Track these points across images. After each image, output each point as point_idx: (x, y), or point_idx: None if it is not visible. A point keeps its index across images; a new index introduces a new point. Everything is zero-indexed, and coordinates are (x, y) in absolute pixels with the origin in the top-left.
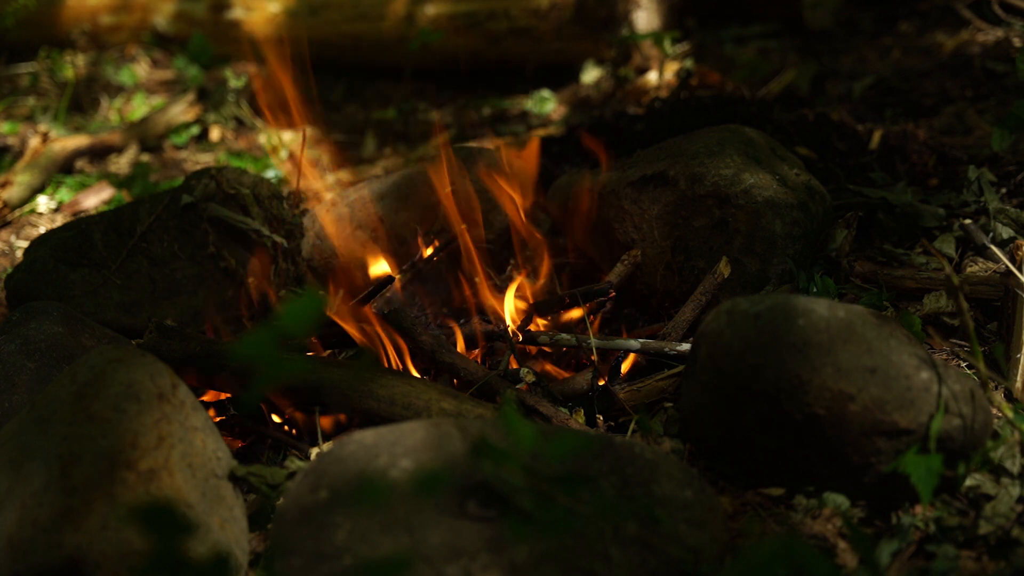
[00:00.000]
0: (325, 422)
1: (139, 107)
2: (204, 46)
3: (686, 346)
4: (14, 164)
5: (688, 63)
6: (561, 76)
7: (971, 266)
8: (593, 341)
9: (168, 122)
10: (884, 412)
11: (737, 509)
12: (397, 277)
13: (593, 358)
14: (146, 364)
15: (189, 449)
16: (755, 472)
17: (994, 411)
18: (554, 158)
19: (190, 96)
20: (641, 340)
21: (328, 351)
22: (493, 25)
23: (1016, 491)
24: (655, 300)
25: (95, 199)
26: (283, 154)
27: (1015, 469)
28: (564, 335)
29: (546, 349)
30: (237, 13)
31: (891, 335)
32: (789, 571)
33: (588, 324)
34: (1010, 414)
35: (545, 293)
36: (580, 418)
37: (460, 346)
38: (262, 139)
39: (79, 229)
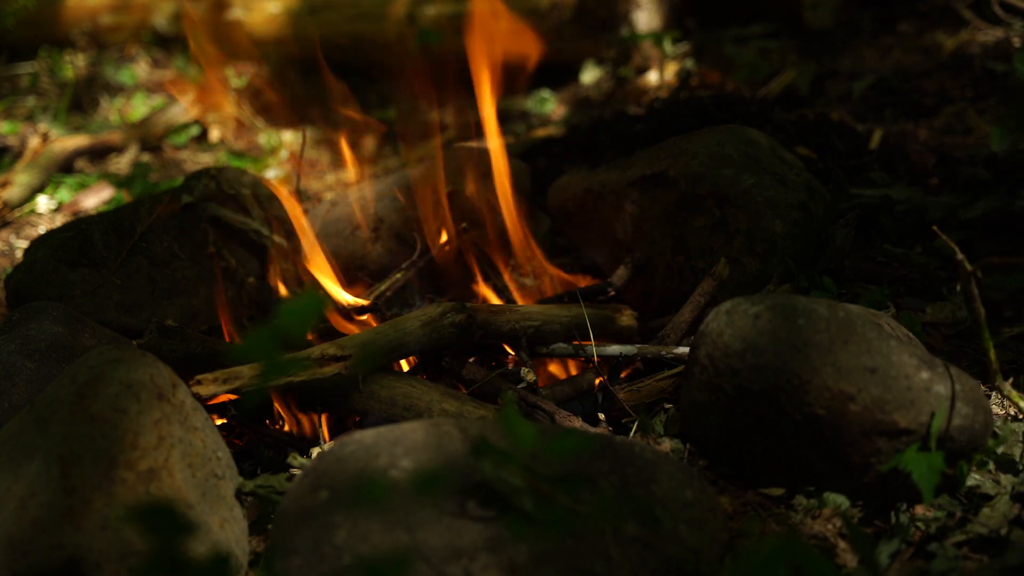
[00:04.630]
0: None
1: (139, 107)
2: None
3: (683, 349)
4: (14, 164)
5: (688, 63)
6: (561, 76)
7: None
8: (593, 346)
9: (168, 122)
10: (884, 412)
11: (737, 509)
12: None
13: (595, 360)
14: (146, 364)
15: (189, 449)
16: (755, 472)
17: (996, 409)
18: (554, 158)
19: (190, 96)
20: (638, 345)
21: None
22: None
23: (1016, 491)
24: (655, 300)
25: (95, 199)
26: (283, 154)
27: (1015, 469)
28: (562, 344)
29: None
30: (237, 13)
31: (891, 335)
32: (789, 571)
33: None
34: (1022, 403)
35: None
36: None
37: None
38: (262, 139)
39: (79, 229)
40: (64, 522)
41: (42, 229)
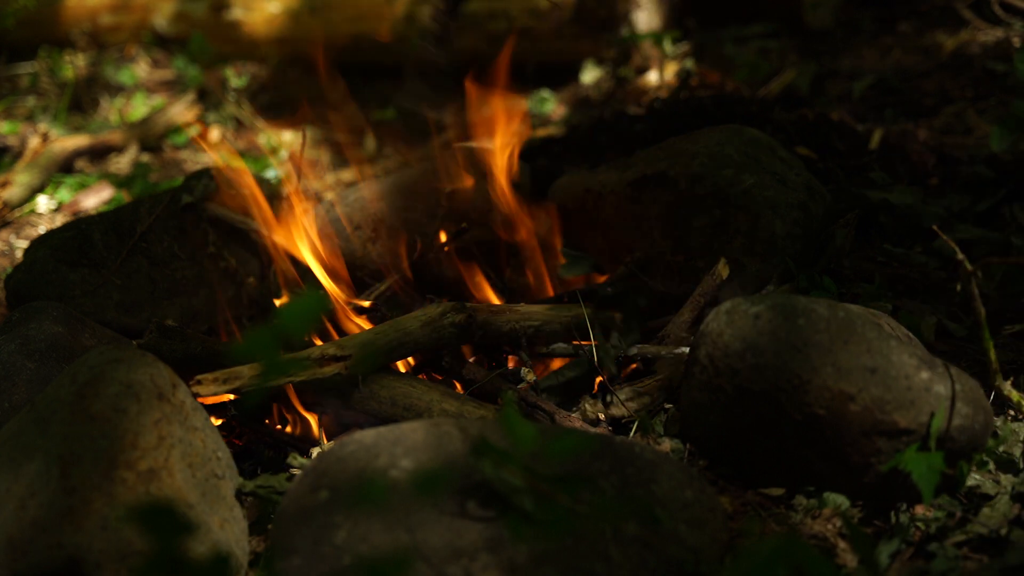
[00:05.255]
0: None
1: (139, 107)
2: (204, 46)
3: (683, 349)
4: (14, 164)
5: (688, 63)
6: (561, 76)
7: None
8: (593, 347)
9: (168, 122)
10: (884, 412)
11: (737, 509)
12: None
13: (595, 360)
14: (146, 364)
15: (189, 449)
16: (755, 472)
17: (996, 413)
18: (554, 158)
19: (190, 96)
20: (638, 344)
21: None
22: (493, 25)
23: (1016, 491)
24: (655, 300)
25: (95, 199)
26: (283, 154)
27: (1015, 469)
28: (562, 344)
29: None
30: (237, 13)
31: (891, 335)
32: (789, 571)
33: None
34: (1022, 403)
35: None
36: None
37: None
38: (262, 139)
39: (79, 229)
40: (64, 522)
41: (42, 229)
